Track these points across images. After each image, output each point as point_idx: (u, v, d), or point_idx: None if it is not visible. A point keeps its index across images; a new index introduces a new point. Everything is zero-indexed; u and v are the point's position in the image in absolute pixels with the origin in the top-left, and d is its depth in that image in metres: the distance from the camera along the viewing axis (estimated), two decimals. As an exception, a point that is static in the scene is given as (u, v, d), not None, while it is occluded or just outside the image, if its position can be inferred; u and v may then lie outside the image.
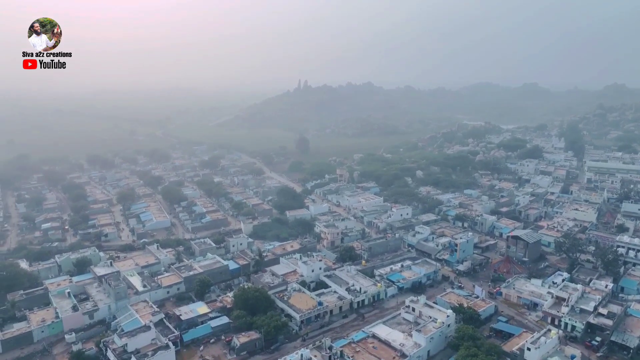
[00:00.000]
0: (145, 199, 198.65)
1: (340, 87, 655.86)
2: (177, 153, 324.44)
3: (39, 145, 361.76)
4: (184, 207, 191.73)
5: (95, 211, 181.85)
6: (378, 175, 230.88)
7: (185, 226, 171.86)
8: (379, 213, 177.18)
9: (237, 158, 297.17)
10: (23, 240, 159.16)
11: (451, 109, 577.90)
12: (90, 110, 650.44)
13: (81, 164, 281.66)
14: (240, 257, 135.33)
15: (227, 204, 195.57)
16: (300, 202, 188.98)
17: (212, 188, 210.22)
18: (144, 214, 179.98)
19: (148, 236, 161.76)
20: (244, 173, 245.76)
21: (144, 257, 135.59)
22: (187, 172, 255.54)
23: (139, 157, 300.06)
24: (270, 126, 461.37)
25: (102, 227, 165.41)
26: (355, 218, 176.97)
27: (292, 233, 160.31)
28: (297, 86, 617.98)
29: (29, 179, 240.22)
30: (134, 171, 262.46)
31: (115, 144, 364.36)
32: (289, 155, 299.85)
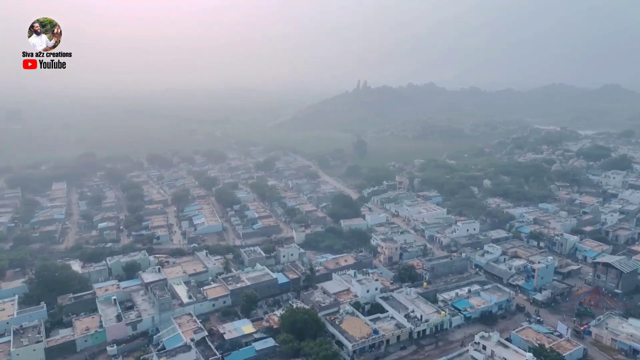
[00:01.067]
0: (199, 201, 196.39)
1: (400, 88, 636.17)
2: (234, 153, 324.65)
3: (106, 143, 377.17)
4: (237, 210, 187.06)
5: (149, 212, 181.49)
6: (441, 183, 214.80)
7: (237, 231, 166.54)
8: (442, 226, 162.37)
9: (292, 160, 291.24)
10: (80, 239, 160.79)
11: (520, 112, 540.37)
12: (156, 110, 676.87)
13: (141, 163, 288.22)
14: (291, 270, 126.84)
15: (280, 209, 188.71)
16: (356, 211, 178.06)
17: (265, 192, 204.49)
18: (197, 216, 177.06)
19: (199, 240, 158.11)
20: (299, 176, 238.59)
21: (193, 264, 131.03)
22: (242, 174, 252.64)
23: (196, 157, 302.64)
24: (327, 127, 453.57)
25: (155, 229, 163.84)
26: (416, 231, 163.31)
27: (347, 245, 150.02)
28: (356, 87, 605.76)
29: (93, 176, 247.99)
30: (190, 171, 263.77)
31: (175, 143, 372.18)
32: (345, 159, 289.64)
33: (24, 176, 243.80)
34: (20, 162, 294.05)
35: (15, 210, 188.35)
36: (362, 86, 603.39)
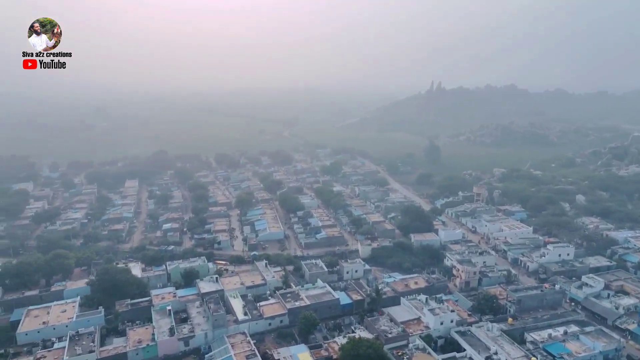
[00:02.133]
0: (262, 205, 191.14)
1: (477, 90, 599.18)
2: (300, 155, 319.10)
3: (179, 141, 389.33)
4: (300, 217, 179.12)
5: (213, 214, 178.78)
6: (525, 196, 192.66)
7: (299, 240, 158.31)
8: (527, 248, 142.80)
9: (360, 164, 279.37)
10: (145, 239, 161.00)
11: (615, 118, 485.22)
12: (229, 109, 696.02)
13: (210, 162, 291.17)
14: (354, 290, 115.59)
15: (345, 217, 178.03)
16: (427, 224, 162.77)
17: (331, 198, 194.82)
18: (259, 222, 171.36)
19: (259, 248, 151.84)
20: (366, 183, 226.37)
21: (251, 275, 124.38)
22: (308, 177, 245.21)
23: (263, 158, 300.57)
24: (398, 130, 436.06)
25: (217, 233, 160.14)
26: (496, 251, 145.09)
27: (417, 263, 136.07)
28: (430, 88, 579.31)
29: (163, 174, 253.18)
30: (256, 173, 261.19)
31: (244, 143, 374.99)
32: (416, 165, 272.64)
33: (102, 172, 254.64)
34: (100, 157, 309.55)
35: (89, 206, 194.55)
36: (436, 87, 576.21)
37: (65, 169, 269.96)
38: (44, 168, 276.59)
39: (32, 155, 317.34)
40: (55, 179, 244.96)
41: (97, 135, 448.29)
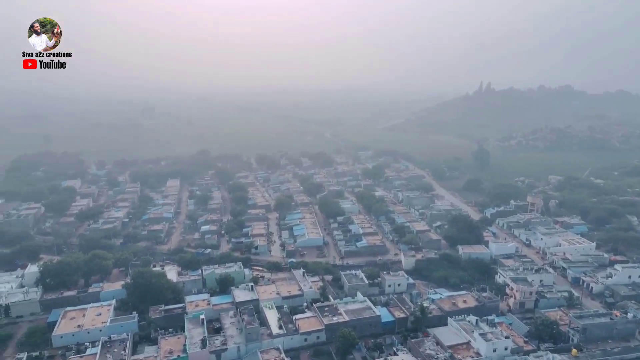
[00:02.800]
0: (301, 209, 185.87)
1: (529, 91, 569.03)
2: (341, 157, 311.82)
3: (222, 140, 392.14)
4: (340, 223, 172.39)
5: (251, 217, 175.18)
6: (585, 208, 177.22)
7: (338, 247, 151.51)
8: (590, 267, 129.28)
9: (403, 168, 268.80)
10: (183, 240, 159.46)
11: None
12: (271, 109, 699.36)
13: (250, 163, 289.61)
14: (396, 306, 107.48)
15: (388, 225, 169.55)
16: (477, 236, 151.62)
17: (372, 204, 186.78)
18: (298, 226, 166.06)
19: (297, 255, 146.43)
20: (410, 188, 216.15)
21: (287, 285, 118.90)
22: (349, 181, 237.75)
23: (303, 160, 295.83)
24: (444, 132, 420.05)
25: (255, 237, 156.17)
26: (554, 269, 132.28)
27: (465, 278, 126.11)
28: (478, 89, 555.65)
29: (204, 174, 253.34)
30: (296, 174, 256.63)
31: (284, 144, 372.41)
32: (464, 170, 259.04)
33: (145, 171, 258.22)
34: (146, 155, 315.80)
35: (131, 205, 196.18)
36: (485, 88, 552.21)
37: (111, 167, 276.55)
38: (92, 166, 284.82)
39: (83, 152, 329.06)
40: (101, 176, 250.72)
41: (144, 133, 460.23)
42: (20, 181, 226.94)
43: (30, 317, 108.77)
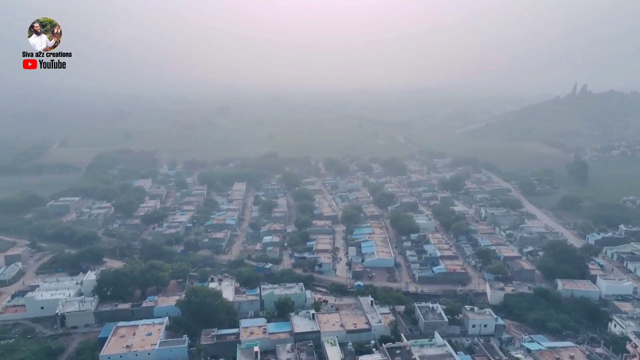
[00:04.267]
0: (371, 222, 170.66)
1: (633, 95, 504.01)
2: (415, 165, 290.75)
3: (290, 142, 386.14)
4: (414, 242, 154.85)
5: (316, 230, 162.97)
6: None
7: (411, 271, 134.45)
8: None
9: (485, 179, 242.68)
10: (244, 251, 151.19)
11: None
12: (343, 109, 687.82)
13: (318, 168, 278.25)
14: (483, 355, 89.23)
15: (469, 247, 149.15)
16: (580, 268, 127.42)
17: (451, 220, 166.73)
18: (366, 243, 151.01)
19: (365, 276, 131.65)
20: (494, 204, 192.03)
21: (353, 315, 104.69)
22: (423, 192, 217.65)
23: (374, 166, 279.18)
24: (530, 139, 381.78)
25: (319, 252, 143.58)
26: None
27: (568, 323, 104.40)
28: (571, 91, 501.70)
29: (271, 178, 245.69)
30: (366, 182, 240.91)
31: (355, 147, 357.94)
32: (557, 184, 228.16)
33: (213, 173, 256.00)
34: (217, 155, 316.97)
35: (197, 209, 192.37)
36: (579, 91, 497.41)
37: (182, 168, 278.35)
38: (163, 165, 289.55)
39: (159, 150, 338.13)
40: (171, 177, 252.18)
41: (218, 132, 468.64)
42: (97, 179, 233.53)
43: (85, 329, 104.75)
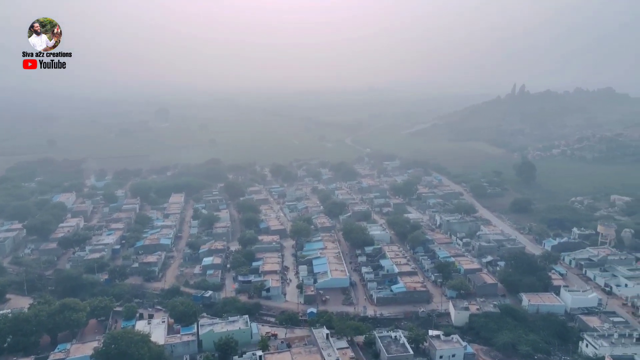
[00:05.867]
0: (322, 235, 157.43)
1: (566, 94, 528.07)
2: (365, 169, 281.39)
3: (234, 147, 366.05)
4: (369, 256, 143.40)
5: (263, 247, 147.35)
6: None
7: (369, 291, 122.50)
8: None
9: (437, 182, 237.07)
10: (181, 276, 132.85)
11: None
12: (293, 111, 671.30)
13: (265, 175, 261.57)
14: (455, 396, 77.97)
15: (428, 259, 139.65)
16: (543, 279, 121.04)
17: (406, 230, 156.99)
18: (318, 260, 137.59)
19: (318, 300, 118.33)
20: (449, 209, 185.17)
21: (307, 354, 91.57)
22: (376, 198, 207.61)
23: (323, 171, 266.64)
24: (475, 139, 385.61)
25: (267, 274, 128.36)
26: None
27: (539, 345, 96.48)
28: (511, 91, 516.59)
29: (213, 188, 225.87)
30: (315, 189, 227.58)
31: (303, 151, 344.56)
32: (506, 185, 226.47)
33: (148, 183, 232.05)
34: (153, 164, 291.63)
35: (126, 227, 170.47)
36: (518, 91, 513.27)
37: (112, 178, 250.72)
38: (91, 176, 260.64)
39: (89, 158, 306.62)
40: (99, 189, 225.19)
41: (156, 137, 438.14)
42: (9, 194, 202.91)
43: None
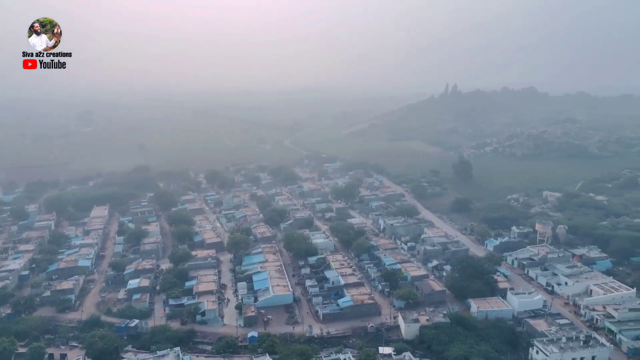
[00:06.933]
0: (262, 247, 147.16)
1: (494, 93, 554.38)
2: (306, 172, 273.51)
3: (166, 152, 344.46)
4: (312, 267, 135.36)
5: (197, 264, 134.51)
6: (600, 235, 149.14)
7: (314, 306, 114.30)
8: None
9: (378, 184, 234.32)
10: (102, 304, 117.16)
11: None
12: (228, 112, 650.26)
13: (199, 182, 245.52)
14: None
15: (373, 267, 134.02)
16: (489, 282, 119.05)
17: (351, 237, 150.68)
18: (259, 275, 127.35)
19: (260, 321, 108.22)
20: (392, 212, 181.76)
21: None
22: (317, 203, 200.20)
23: (262, 175, 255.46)
24: (412, 138, 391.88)
25: (202, 296, 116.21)
26: (595, 329, 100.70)
27: (491, 355, 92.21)
28: (444, 91, 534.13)
29: (141, 198, 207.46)
30: (254, 195, 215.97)
31: (240, 154, 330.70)
32: (445, 184, 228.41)
33: (66, 195, 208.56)
34: (73, 173, 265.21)
35: (38, 247, 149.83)
36: (450, 90, 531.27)
37: (23, 191, 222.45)
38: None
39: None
40: (7, 204, 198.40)
41: (78, 143, 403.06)
42: None
43: None
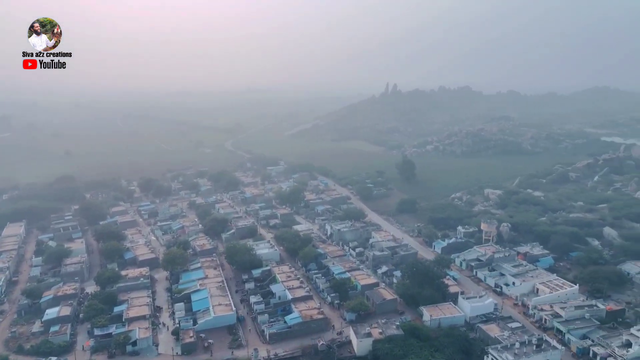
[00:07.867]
0: (202, 261, 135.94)
1: (432, 92, 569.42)
2: (248, 176, 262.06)
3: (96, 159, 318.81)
4: (257, 281, 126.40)
5: (128, 286, 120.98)
6: (541, 232, 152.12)
7: (260, 326, 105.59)
8: (592, 326, 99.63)
9: (323, 187, 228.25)
10: (13, 339, 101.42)
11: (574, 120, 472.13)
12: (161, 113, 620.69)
13: (132, 191, 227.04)
14: None
15: (321, 277, 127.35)
16: (440, 288, 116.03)
17: (297, 245, 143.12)
18: (198, 294, 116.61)
19: (200, 348, 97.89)
20: (338, 216, 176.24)
21: None
22: (261, 209, 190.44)
23: (201, 182, 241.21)
24: (356, 138, 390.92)
25: (133, 322, 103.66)
26: (544, 330, 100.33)
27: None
28: (385, 90, 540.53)
29: (65, 212, 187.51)
30: (193, 204, 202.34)
31: (177, 159, 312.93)
32: (390, 185, 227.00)
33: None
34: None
35: None
36: (391, 90, 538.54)
37: None
38: None
39: None
40: None
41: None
42: None
43: None
